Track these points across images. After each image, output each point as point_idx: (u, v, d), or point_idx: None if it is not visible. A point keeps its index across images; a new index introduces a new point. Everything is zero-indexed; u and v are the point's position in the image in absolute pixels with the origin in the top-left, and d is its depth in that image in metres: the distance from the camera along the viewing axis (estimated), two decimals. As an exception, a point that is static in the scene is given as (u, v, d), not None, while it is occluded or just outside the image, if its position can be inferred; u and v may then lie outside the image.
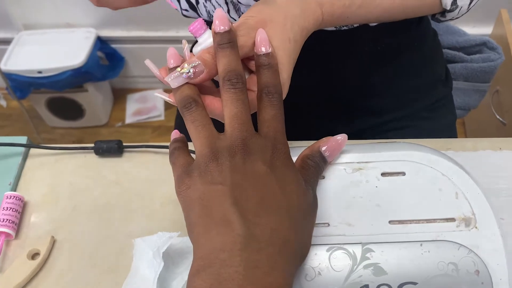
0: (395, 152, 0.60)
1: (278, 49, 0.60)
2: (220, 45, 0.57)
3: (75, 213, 0.83)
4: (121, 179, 0.87)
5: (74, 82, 2.44)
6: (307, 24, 0.66)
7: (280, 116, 0.56)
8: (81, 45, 2.44)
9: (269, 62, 0.59)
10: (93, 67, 2.44)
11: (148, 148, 0.90)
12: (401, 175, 0.59)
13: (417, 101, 1.04)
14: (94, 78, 2.49)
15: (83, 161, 0.90)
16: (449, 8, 0.78)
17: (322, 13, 0.68)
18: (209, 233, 0.49)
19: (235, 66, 0.56)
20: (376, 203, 0.58)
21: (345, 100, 1.01)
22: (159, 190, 0.84)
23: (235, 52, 0.57)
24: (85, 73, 2.40)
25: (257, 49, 0.59)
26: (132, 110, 2.78)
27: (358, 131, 1.03)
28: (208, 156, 0.53)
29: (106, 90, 2.75)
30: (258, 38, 0.59)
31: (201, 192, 0.52)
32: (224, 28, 0.57)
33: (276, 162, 0.54)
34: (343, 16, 0.71)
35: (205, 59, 0.58)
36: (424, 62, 1.03)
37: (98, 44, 2.52)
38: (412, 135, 1.01)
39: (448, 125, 1.08)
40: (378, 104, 1.02)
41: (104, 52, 2.63)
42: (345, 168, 0.60)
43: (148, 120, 2.72)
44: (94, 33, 2.51)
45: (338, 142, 0.60)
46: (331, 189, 0.59)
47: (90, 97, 2.58)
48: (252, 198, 0.51)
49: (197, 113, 0.55)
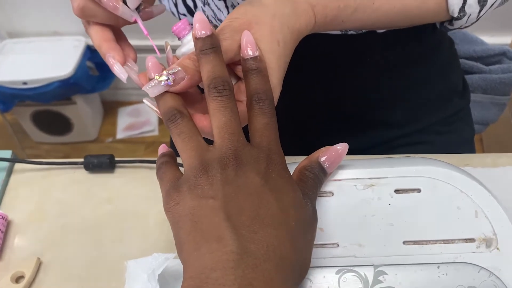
0: (409, 167, 0.60)
1: (266, 52, 0.60)
2: (202, 51, 0.56)
3: (63, 232, 0.83)
4: (113, 196, 0.87)
5: (62, 94, 2.44)
6: (298, 26, 0.64)
7: (273, 125, 0.56)
8: (69, 54, 2.45)
9: (257, 66, 0.58)
10: (82, 78, 2.44)
11: (142, 163, 0.90)
12: (416, 192, 0.59)
13: (431, 114, 1.04)
14: (83, 90, 2.50)
15: (72, 177, 0.90)
16: (456, 15, 0.76)
17: (315, 14, 0.67)
18: (200, 250, 0.49)
19: (220, 72, 0.55)
20: (389, 222, 0.58)
21: (352, 113, 1.01)
22: (153, 208, 0.84)
23: (219, 57, 0.57)
24: (74, 85, 2.40)
25: (243, 52, 0.59)
26: (123, 124, 2.78)
27: (366, 147, 1.03)
28: (198, 169, 0.52)
29: (96, 103, 2.76)
30: (244, 41, 0.59)
31: (191, 208, 0.51)
32: (206, 32, 0.57)
33: (271, 174, 0.53)
34: (337, 19, 0.70)
35: (185, 65, 0.58)
36: (439, 73, 1.02)
37: (87, 54, 2.53)
38: (425, 151, 1.00)
39: (465, 140, 1.07)
40: (389, 118, 1.02)
41: (94, 62, 2.63)
42: (356, 185, 0.60)
43: (141, 136, 2.72)
44: (83, 42, 2.52)
45: (339, 152, 0.59)
46: (341, 207, 0.59)
47: (79, 110, 2.58)
48: (245, 212, 0.50)
49: (182, 125, 0.55)
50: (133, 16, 0.66)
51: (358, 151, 0.78)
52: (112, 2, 0.63)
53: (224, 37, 0.59)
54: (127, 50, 0.68)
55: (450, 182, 0.59)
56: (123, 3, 0.64)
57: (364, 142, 1.03)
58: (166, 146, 0.64)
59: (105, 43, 0.66)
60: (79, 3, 0.65)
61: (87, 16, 0.66)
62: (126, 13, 0.65)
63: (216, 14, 0.89)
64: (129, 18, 0.66)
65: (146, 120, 2.78)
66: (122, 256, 0.79)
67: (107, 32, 0.68)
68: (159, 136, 2.70)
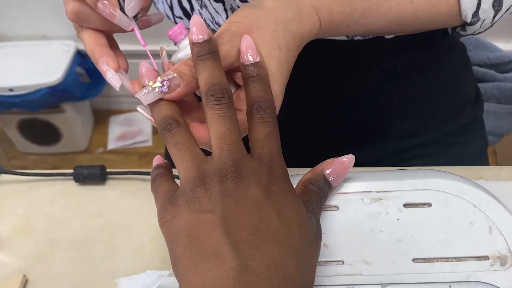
0: (419, 180, 0.60)
1: (268, 58, 0.60)
2: (200, 57, 0.56)
3: (51, 248, 0.83)
4: (104, 209, 0.87)
5: (50, 101, 2.44)
6: (301, 30, 0.64)
7: (275, 135, 0.56)
8: (58, 59, 2.46)
9: (258, 73, 0.58)
10: (72, 85, 2.44)
11: (134, 175, 0.90)
12: (426, 207, 0.59)
13: (442, 124, 1.04)
14: (73, 97, 2.50)
15: (61, 189, 0.90)
16: (469, 20, 0.75)
17: (319, 18, 0.66)
18: (197, 267, 0.49)
19: (219, 78, 0.55)
20: (398, 238, 0.58)
21: (358, 123, 1.01)
22: (147, 223, 0.84)
23: (217, 63, 0.56)
24: (63, 92, 2.40)
25: (243, 58, 0.58)
26: (115, 134, 2.78)
27: (374, 159, 1.02)
28: (195, 181, 0.52)
29: (86, 111, 2.76)
30: (244, 45, 0.58)
31: (188, 222, 0.51)
32: (203, 37, 0.56)
33: (273, 187, 0.53)
34: (343, 24, 0.70)
35: (181, 71, 0.57)
36: (451, 80, 1.03)
37: (77, 59, 2.53)
38: (436, 164, 0.99)
39: (478, 152, 1.07)
40: (397, 128, 1.02)
41: (84, 68, 2.63)
42: (362, 198, 0.60)
43: (133, 146, 2.72)
44: (73, 46, 2.52)
45: (344, 164, 0.59)
46: (346, 222, 0.59)
47: (68, 119, 2.59)
48: (246, 227, 0.50)
49: (179, 134, 0.54)
50: (130, 25, 0.65)
51: (364, 163, 0.77)
52: (109, 9, 0.63)
53: (222, 41, 0.58)
54: (119, 59, 0.68)
55: (462, 196, 0.59)
56: (121, 11, 0.64)
57: (371, 154, 1.03)
58: (161, 157, 0.64)
59: (99, 48, 0.66)
60: (73, 7, 0.65)
61: (80, 21, 0.66)
62: (123, 21, 0.64)
63: (214, 18, 0.89)
64: (126, 27, 0.66)
65: (139, 129, 2.78)
66: (113, 273, 0.79)
67: (101, 37, 0.68)
68: (153, 147, 2.70)
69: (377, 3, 0.70)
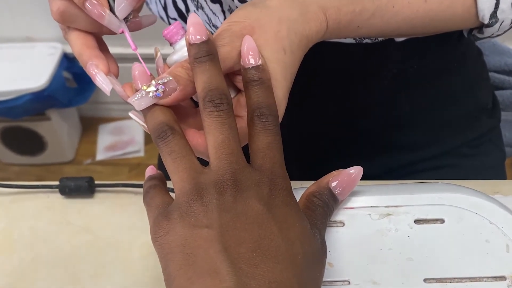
0: (431, 195, 0.60)
1: (271, 61, 0.59)
2: (197, 59, 0.56)
3: (35, 265, 0.82)
4: (92, 224, 0.87)
5: (34, 108, 2.44)
6: (307, 32, 0.63)
7: (277, 144, 0.56)
8: (43, 63, 2.46)
9: (260, 77, 0.57)
10: (58, 91, 2.45)
11: (125, 187, 0.90)
12: (439, 223, 0.59)
13: (456, 135, 1.04)
14: (59, 104, 2.50)
15: (46, 203, 0.90)
16: (487, 21, 0.75)
17: (327, 19, 0.66)
18: (192, 286, 0.49)
19: (217, 83, 0.55)
20: (408, 257, 0.58)
21: (366, 133, 1.01)
22: (138, 239, 0.84)
23: (216, 66, 0.56)
24: (48, 98, 2.41)
25: (244, 61, 0.58)
26: (104, 144, 2.79)
27: (382, 172, 1.03)
28: (191, 194, 0.52)
29: (73, 119, 2.77)
30: (245, 47, 0.58)
31: (183, 238, 0.51)
32: (201, 37, 0.56)
33: (275, 200, 0.53)
34: (353, 25, 0.69)
35: (177, 74, 0.57)
36: (466, 88, 1.03)
37: (64, 63, 2.54)
38: (449, 177, 0.99)
39: (495, 165, 1.07)
40: (408, 139, 1.02)
41: (71, 73, 2.64)
42: (370, 214, 0.60)
43: (124, 157, 2.73)
44: (59, 49, 2.53)
45: (352, 176, 0.59)
46: (353, 239, 0.59)
47: (53, 127, 2.59)
48: (245, 244, 0.50)
49: (174, 143, 0.54)
50: (120, 27, 0.65)
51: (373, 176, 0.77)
52: (97, 9, 0.62)
53: (222, 43, 0.58)
54: (109, 62, 0.67)
55: (477, 212, 0.59)
56: (110, 11, 0.63)
57: (380, 166, 1.03)
58: (154, 168, 0.64)
59: (87, 50, 0.66)
60: (59, 6, 0.64)
61: (67, 21, 0.66)
62: (113, 23, 0.64)
63: (211, 19, 0.89)
64: (116, 29, 0.65)
65: (131, 139, 2.78)
66: (101, 293, 0.79)
67: (90, 38, 0.67)
68: (145, 158, 2.70)
69: (388, 2, 0.69)
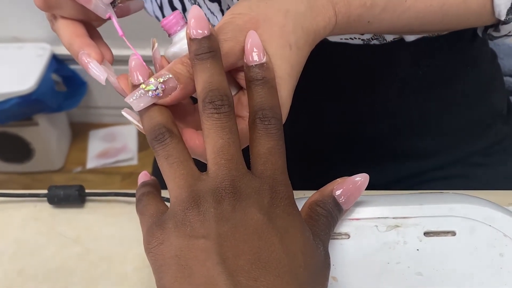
0: (442, 205, 0.60)
1: (276, 57, 0.59)
2: (198, 56, 0.55)
3: (22, 279, 0.82)
4: (82, 236, 0.87)
5: (21, 113, 2.44)
6: (315, 27, 0.63)
7: (279, 149, 0.55)
8: (31, 65, 2.46)
9: (263, 76, 0.57)
10: (46, 94, 2.44)
11: (117, 196, 0.90)
12: (450, 235, 0.59)
13: (468, 142, 1.04)
14: (47, 109, 2.50)
15: (33, 212, 0.90)
16: (503, 18, 0.75)
17: (336, 13, 0.65)
18: None
19: (218, 83, 0.54)
20: (417, 271, 0.58)
21: (372, 139, 1.01)
22: (131, 251, 0.84)
23: (218, 64, 0.56)
24: (36, 102, 2.40)
25: (247, 58, 0.58)
26: (95, 151, 2.78)
27: (390, 181, 1.03)
28: (187, 202, 0.52)
29: (63, 125, 2.76)
30: (249, 43, 0.58)
31: (178, 249, 0.51)
32: (203, 32, 0.56)
33: (276, 209, 0.53)
34: (363, 20, 0.69)
35: (177, 71, 0.57)
36: (479, 92, 1.03)
37: (53, 65, 2.54)
38: (461, 187, 0.99)
39: (509, 175, 1.07)
40: (417, 146, 1.02)
41: (60, 75, 2.64)
42: (377, 225, 0.60)
43: (116, 165, 2.72)
44: (48, 50, 2.53)
45: (357, 184, 0.59)
46: (358, 252, 0.59)
47: (42, 133, 2.59)
48: (244, 255, 0.50)
49: (171, 147, 0.54)
50: (107, 12, 0.64)
51: (379, 186, 0.77)
52: None
53: (225, 37, 0.58)
54: (102, 49, 0.67)
55: (491, 224, 0.59)
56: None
57: (387, 175, 1.03)
58: (147, 173, 0.64)
59: (78, 39, 0.65)
60: None
61: (51, 8, 0.65)
62: (99, 7, 0.63)
63: (209, 19, 0.89)
64: (103, 14, 0.64)
65: (123, 146, 2.78)
66: (92, 308, 0.79)
67: (78, 26, 0.67)
68: (139, 166, 2.70)
69: None
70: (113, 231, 0.87)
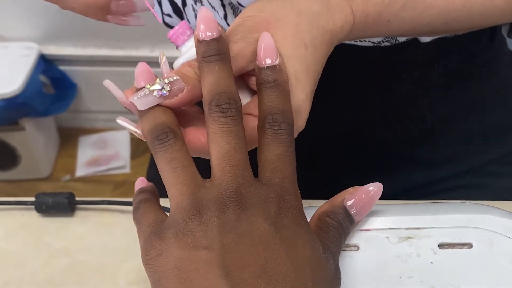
0: (458, 216, 0.60)
1: (291, 57, 0.59)
2: (206, 58, 0.55)
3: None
4: (72, 247, 0.86)
5: (6, 117, 2.44)
6: (331, 26, 0.63)
7: (289, 156, 0.55)
8: (17, 66, 2.46)
9: (275, 78, 0.57)
10: (33, 97, 2.44)
11: (110, 205, 0.90)
12: (466, 248, 0.59)
13: (485, 150, 1.04)
14: (34, 112, 2.50)
15: (19, 221, 0.90)
16: None
17: (353, 11, 0.65)
18: None
19: (226, 86, 0.54)
20: (431, 286, 0.58)
21: (383, 146, 1.01)
22: (125, 264, 0.84)
23: (226, 67, 0.56)
24: (22, 105, 2.40)
25: (258, 59, 0.58)
26: (85, 158, 2.79)
27: (402, 190, 1.03)
28: (189, 210, 0.52)
29: (50, 130, 2.77)
30: (262, 44, 0.58)
31: (178, 260, 0.51)
32: (211, 34, 0.56)
33: (283, 220, 0.53)
34: (382, 18, 0.68)
35: (185, 73, 0.57)
36: (497, 96, 1.03)
37: (41, 65, 2.54)
38: (478, 197, 0.98)
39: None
40: (431, 153, 1.02)
41: (49, 77, 2.64)
42: (388, 236, 0.60)
43: (108, 173, 2.72)
44: (35, 50, 2.53)
45: (370, 194, 0.59)
46: (369, 265, 0.59)
47: (28, 138, 2.59)
48: (249, 268, 0.50)
49: (175, 149, 0.54)
50: None
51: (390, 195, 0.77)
52: None
53: (234, 39, 0.58)
54: None
55: (510, 236, 0.59)
56: None
57: (399, 184, 1.02)
58: (145, 179, 0.63)
59: None
60: None
61: None
62: None
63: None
64: None
65: (115, 153, 2.78)
66: (82, 324, 0.79)
67: None
68: (131, 174, 2.70)
69: None
70: (105, 242, 0.87)
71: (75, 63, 2.63)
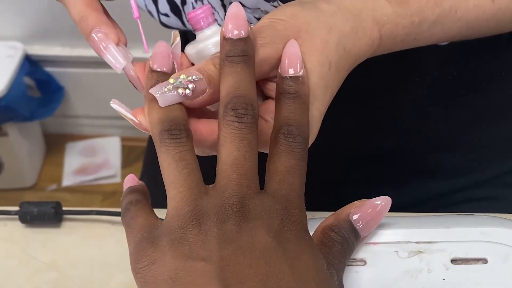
0: (472, 229, 0.60)
1: (313, 73, 0.59)
2: (229, 58, 0.56)
3: (-12, 308, 0.82)
4: (59, 259, 0.86)
5: (-12, 121, 2.45)
6: (357, 50, 0.64)
7: (299, 170, 0.55)
8: (0, 67, 2.46)
9: (296, 89, 0.57)
10: (17, 100, 2.44)
11: (99, 215, 0.90)
12: (480, 263, 0.59)
13: (503, 160, 1.04)
14: (18, 117, 2.50)
15: (2, 232, 0.90)
16: None
17: (381, 36, 0.66)
18: None
19: (246, 90, 0.55)
20: (443, 303, 0.58)
21: (394, 154, 1.02)
22: (114, 278, 0.83)
23: (249, 70, 0.56)
24: (5, 109, 2.40)
25: (282, 67, 0.58)
26: (73, 166, 2.78)
27: (414, 202, 1.03)
28: (188, 218, 0.52)
29: (36, 135, 2.76)
30: (288, 53, 0.58)
31: (173, 271, 0.50)
32: (239, 33, 0.56)
33: (286, 233, 0.53)
34: (409, 38, 0.69)
35: (210, 74, 0.57)
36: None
37: (26, 66, 2.54)
38: (494, 210, 0.98)
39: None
40: (444, 163, 1.03)
41: (34, 79, 2.64)
42: (397, 251, 0.60)
43: (96, 183, 2.72)
44: (20, 50, 2.52)
45: (377, 208, 0.59)
46: (376, 281, 0.59)
47: (11, 144, 2.58)
48: (248, 282, 0.50)
49: (186, 149, 0.54)
50: None
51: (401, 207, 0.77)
52: None
53: (262, 41, 0.58)
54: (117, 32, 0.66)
55: (527, 251, 0.59)
56: None
57: (410, 195, 1.03)
58: (135, 177, 0.63)
59: (93, 13, 0.64)
60: None
61: None
62: None
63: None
64: None
65: (104, 161, 2.78)
66: None
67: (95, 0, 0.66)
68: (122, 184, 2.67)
69: (451, 8, 0.69)
70: (94, 254, 0.86)
71: (62, 65, 2.63)
